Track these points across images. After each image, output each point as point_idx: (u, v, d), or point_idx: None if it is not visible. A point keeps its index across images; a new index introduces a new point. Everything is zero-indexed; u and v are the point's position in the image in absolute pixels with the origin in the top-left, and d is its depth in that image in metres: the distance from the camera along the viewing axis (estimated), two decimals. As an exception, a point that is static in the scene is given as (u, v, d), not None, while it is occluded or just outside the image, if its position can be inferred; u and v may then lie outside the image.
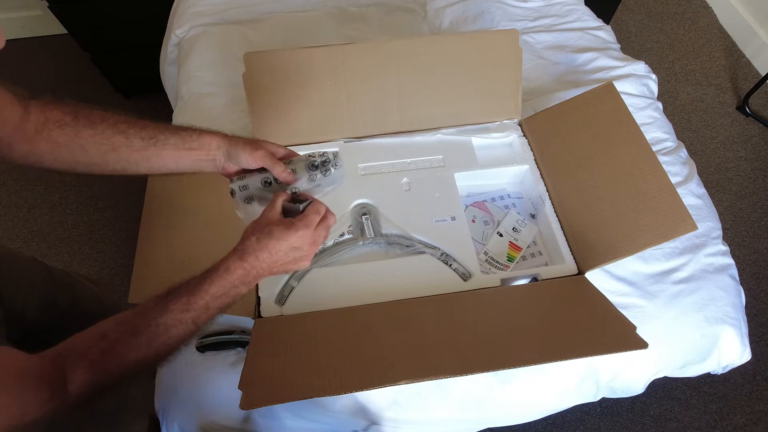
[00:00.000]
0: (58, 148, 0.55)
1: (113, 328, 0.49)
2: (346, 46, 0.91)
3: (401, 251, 0.84)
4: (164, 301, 0.50)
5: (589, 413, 1.21)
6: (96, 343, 0.47)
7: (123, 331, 0.48)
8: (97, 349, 0.47)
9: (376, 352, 0.68)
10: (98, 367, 0.46)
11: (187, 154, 0.60)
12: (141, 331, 0.49)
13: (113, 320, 0.49)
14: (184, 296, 0.51)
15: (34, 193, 1.54)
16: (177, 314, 0.50)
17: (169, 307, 0.50)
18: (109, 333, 0.48)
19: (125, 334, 0.48)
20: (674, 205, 0.76)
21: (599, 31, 1.25)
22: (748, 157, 1.66)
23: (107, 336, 0.48)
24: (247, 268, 0.54)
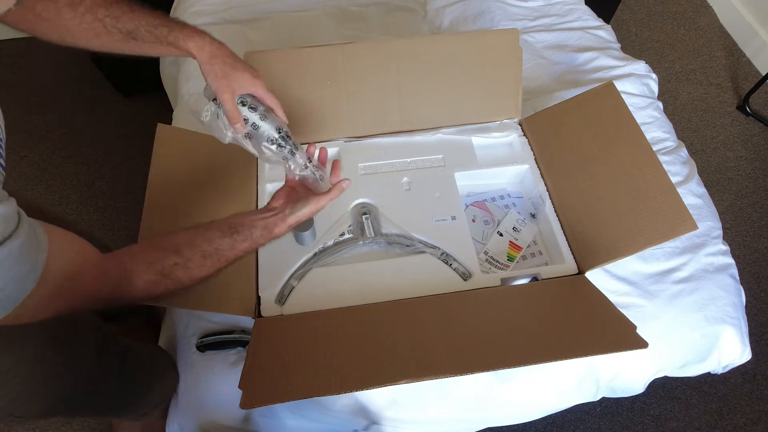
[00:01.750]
0: (43, 22, 0.55)
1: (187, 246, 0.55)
2: (346, 46, 0.91)
3: (401, 251, 0.84)
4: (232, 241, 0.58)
5: (589, 413, 1.21)
6: (170, 256, 0.53)
7: (195, 251, 0.55)
8: (171, 261, 0.53)
9: (376, 352, 0.68)
10: (168, 272, 0.53)
11: (167, 51, 0.63)
12: (209, 256, 0.56)
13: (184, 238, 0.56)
14: (249, 242, 0.60)
15: (34, 193, 1.54)
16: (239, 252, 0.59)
17: (235, 246, 0.58)
18: (183, 250, 0.54)
19: (196, 254, 0.55)
20: (674, 205, 0.75)
21: (599, 30, 1.25)
22: (749, 157, 1.66)
23: (181, 252, 0.54)
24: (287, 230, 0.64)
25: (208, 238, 0.57)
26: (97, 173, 1.58)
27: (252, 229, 0.60)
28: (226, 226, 0.59)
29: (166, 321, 0.89)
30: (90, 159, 1.60)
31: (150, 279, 0.51)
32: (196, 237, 0.57)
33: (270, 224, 0.62)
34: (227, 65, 0.63)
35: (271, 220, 0.62)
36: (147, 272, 0.51)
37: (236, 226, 0.59)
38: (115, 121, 1.65)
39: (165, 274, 0.53)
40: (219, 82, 0.63)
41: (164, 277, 0.52)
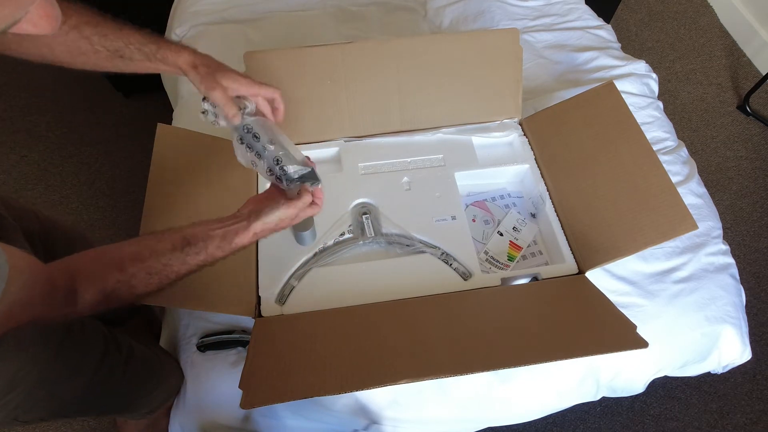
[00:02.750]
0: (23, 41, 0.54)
1: (131, 262, 0.52)
2: (346, 46, 0.91)
3: (401, 251, 0.84)
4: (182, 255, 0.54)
5: (589, 412, 1.21)
6: (113, 273, 0.51)
7: (140, 268, 0.52)
8: (114, 279, 0.50)
9: (377, 352, 0.68)
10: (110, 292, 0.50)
11: (155, 67, 0.62)
12: (156, 272, 0.53)
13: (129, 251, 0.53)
14: (202, 256, 0.56)
15: (34, 193, 1.54)
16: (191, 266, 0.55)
17: (187, 260, 0.55)
18: (127, 266, 0.51)
19: (141, 271, 0.52)
20: (675, 205, 0.75)
21: (600, 30, 1.25)
22: (749, 157, 1.66)
23: (125, 269, 0.51)
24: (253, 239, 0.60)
25: (157, 251, 0.53)
26: (97, 173, 1.58)
27: (207, 240, 0.56)
28: (180, 237, 0.55)
29: (167, 321, 0.89)
30: (90, 159, 1.60)
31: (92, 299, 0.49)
32: (144, 250, 0.53)
33: (229, 234, 0.57)
34: (211, 67, 0.63)
35: (232, 229, 0.58)
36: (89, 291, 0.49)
37: (190, 238, 0.55)
38: (115, 121, 1.65)
39: (107, 293, 0.50)
40: (206, 81, 0.62)
41: (106, 297, 0.50)
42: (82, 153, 1.61)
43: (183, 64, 0.62)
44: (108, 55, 0.58)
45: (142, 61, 0.60)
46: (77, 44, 0.56)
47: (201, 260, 0.56)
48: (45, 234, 0.76)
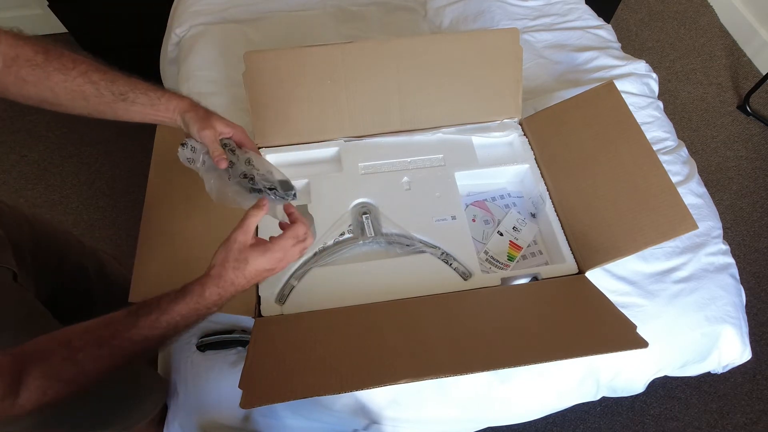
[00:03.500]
0: (26, 85, 0.55)
1: (78, 335, 0.47)
2: (346, 46, 0.91)
3: (401, 250, 0.84)
4: (134, 316, 0.49)
5: (589, 412, 1.21)
6: (59, 348, 0.46)
7: (87, 340, 0.47)
8: (59, 356, 0.45)
9: (377, 351, 0.68)
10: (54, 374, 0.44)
11: (153, 114, 0.63)
12: (105, 343, 0.48)
13: (80, 327, 0.48)
14: (155, 313, 0.50)
15: (34, 192, 1.54)
16: (144, 330, 0.49)
17: (138, 323, 0.49)
18: (73, 340, 0.47)
19: (89, 344, 0.47)
20: (675, 205, 0.75)
21: (600, 30, 1.25)
22: (749, 156, 1.66)
23: (71, 343, 0.46)
24: (221, 293, 0.54)
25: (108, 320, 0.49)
26: (97, 173, 1.58)
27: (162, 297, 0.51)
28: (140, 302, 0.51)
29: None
30: (90, 159, 1.60)
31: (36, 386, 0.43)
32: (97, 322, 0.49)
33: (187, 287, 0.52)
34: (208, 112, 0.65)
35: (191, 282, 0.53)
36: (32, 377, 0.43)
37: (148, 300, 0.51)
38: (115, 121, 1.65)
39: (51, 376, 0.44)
40: (201, 121, 0.63)
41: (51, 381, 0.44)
42: (82, 153, 1.61)
43: (184, 106, 0.64)
44: (112, 100, 0.59)
45: (143, 105, 0.61)
46: (82, 89, 0.57)
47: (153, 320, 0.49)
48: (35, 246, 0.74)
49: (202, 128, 0.63)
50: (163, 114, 0.63)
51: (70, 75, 0.56)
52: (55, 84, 0.56)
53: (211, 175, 0.66)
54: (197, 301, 0.52)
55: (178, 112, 0.64)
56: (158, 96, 0.62)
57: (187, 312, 0.52)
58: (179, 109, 0.64)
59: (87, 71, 0.57)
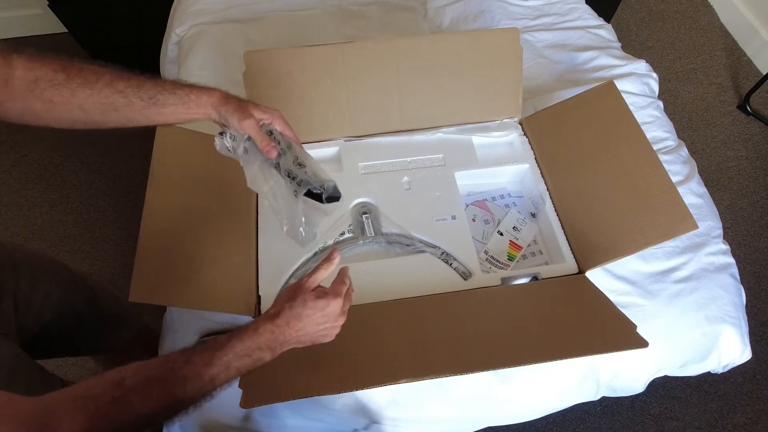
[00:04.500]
0: (55, 107, 0.54)
1: (132, 373, 0.45)
2: (346, 45, 0.91)
3: (401, 250, 0.84)
4: (189, 352, 0.48)
5: (589, 412, 1.21)
6: (110, 388, 0.43)
7: (139, 377, 0.45)
8: (109, 396, 0.43)
9: (377, 351, 0.68)
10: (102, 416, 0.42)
11: (185, 111, 0.61)
12: (157, 380, 0.45)
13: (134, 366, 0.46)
14: (209, 350, 0.49)
15: (34, 192, 1.54)
16: (198, 367, 0.47)
17: (193, 359, 0.48)
18: (126, 378, 0.44)
19: (141, 381, 0.45)
20: (675, 204, 0.75)
21: (600, 29, 1.25)
22: (749, 156, 1.66)
23: (123, 382, 0.44)
24: (276, 333, 0.52)
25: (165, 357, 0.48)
26: (97, 173, 1.58)
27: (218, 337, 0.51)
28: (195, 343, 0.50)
29: (166, 320, 0.89)
30: (90, 158, 1.60)
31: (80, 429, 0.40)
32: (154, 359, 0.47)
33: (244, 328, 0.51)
34: (241, 101, 0.64)
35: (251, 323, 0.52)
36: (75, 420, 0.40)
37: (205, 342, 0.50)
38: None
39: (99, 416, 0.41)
40: (239, 112, 0.62)
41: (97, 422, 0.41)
42: (82, 153, 1.61)
43: (216, 100, 0.62)
44: (142, 106, 0.58)
45: (175, 105, 0.60)
46: (110, 100, 0.56)
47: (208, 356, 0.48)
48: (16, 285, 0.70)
49: (242, 119, 0.61)
50: (195, 111, 0.62)
51: (95, 88, 0.54)
52: (83, 100, 0.54)
53: (253, 163, 0.65)
54: (251, 337, 0.51)
55: (212, 107, 0.62)
56: (187, 93, 0.60)
57: (241, 349, 0.50)
58: (212, 104, 0.62)
59: (111, 81, 0.56)
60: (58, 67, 0.53)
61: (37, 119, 0.54)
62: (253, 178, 0.65)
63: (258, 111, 0.63)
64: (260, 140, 0.63)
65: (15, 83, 0.51)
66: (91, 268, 1.42)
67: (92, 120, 0.57)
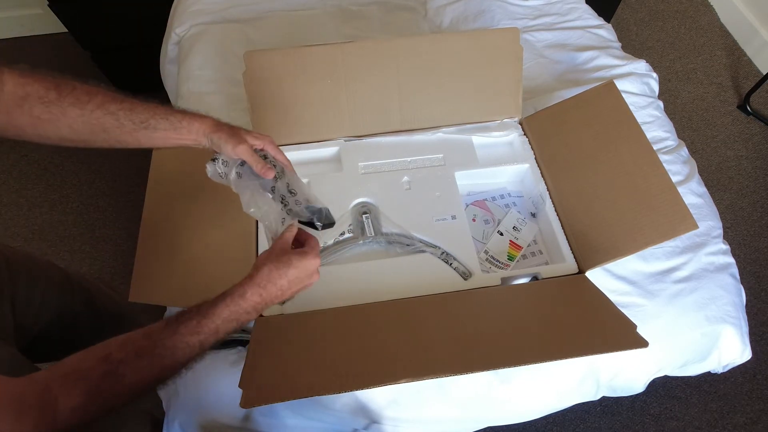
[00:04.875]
0: (42, 123, 0.53)
1: (117, 348, 0.47)
2: (346, 45, 0.91)
3: (401, 250, 0.84)
4: (174, 324, 0.49)
5: (589, 412, 1.21)
6: (98, 364, 0.45)
7: (127, 351, 0.47)
8: (99, 371, 0.44)
9: (377, 351, 0.68)
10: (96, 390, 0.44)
11: (176, 137, 0.61)
12: (146, 353, 0.47)
13: (118, 340, 0.48)
14: (195, 319, 0.50)
15: (34, 192, 1.54)
16: (185, 337, 0.49)
17: (179, 330, 0.49)
18: (112, 353, 0.46)
19: (130, 354, 0.46)
20: (675, 204, 0.75)
21: (600, 29, 1.25)
22: (749, 156, 1.66)
23: (110, 356, 0.46)
24: (263, 296, 0.54)
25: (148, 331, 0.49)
26: (98, 172, 1.58)
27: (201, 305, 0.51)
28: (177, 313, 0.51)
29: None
30: (90, 158, 1.60)
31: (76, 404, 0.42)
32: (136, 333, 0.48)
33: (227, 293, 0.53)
34: (232, 128, 0.64)
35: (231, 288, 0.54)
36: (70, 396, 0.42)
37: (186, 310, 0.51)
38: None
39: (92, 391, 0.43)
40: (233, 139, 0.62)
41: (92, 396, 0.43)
42: (82, 152, 1.61)
43: (207, 127, 0.62)
44: (132, 129, 0.58)
45: (166, 130, 0.60)
46: (101, 121, 0.56)
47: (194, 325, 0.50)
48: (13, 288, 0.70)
49: (236, 144, 0.62)
50: (186, 137, 0.62)
51: (86, 108, 0.54)
52: (73, 120, 0.54)
53: (246, 188, 0.65)
54: (238, 303, 0.52)
55: (203, 134, 0.62)
56: (179, 119, 0.61)
57: (228, 315, 0.52)
58: (203, 132, 0.62)
59: (103, 102, 0.56)
60: (51, 85, 0.53)
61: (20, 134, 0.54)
62: (248, 202, 0.65)
63: (250, 137, 0.64)
64: (255, 163, 0.63)
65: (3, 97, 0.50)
66: (91, 268, 1.42)
67: (80, 139, 0.57)
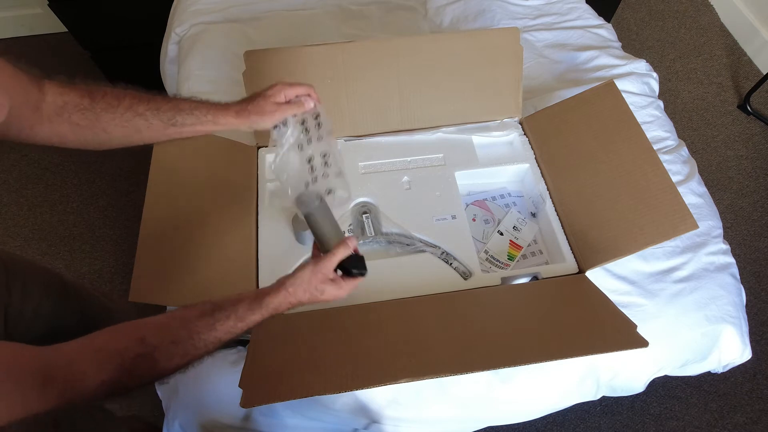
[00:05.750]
0: (81, 130, 0.56)
1: (153, 332, 0.49)
2: (346, 45, 0.91)
3: (402, 250, 0.84)
4: (210, 318, 0.52)
5: (589, 412, 1.21)
6: (133, 345, 0.47)
7: (163, 338, 0.49)
8: (133, 352, 0.47)
9: (377, 351, 0.68)
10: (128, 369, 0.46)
11: (205, 130, 0.64)
12: (181, 342, 0.50)
13: (154, 323, 0.50)
14: (232, 320, 0.53)
15: (35, 192, 1.54)
16: (220, 334, 0.52)
17: (216, 326, 0.52)
18: (147, 337, 0.48)
19: (165, 341, 0.49)
20: (675, 204, 0.75)
21: (600, 29, 1.25)
22: (749, 156, 1.66)
23: (146, 340, 0.48)
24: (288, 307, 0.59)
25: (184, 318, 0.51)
26: (98, 172, 1.58)
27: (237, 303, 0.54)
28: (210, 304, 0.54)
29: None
30: (90, 158, 1.60)
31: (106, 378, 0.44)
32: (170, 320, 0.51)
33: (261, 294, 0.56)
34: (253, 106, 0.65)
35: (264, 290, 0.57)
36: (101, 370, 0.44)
37: (220, 303, 0.54)
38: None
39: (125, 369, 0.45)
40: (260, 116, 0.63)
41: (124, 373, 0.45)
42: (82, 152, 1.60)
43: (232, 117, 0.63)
44: (162, 127, 0.60)
45: (194, 125, 0.62)
46: (132, 123, 0.58)
47: (230, 325, 0.53)
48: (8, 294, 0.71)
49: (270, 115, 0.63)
50: (212, 128, 0.64)
51: (117, 112, 0.57)
52: (107, 124, 0.57)
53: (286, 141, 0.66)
54: (271, 312, 0.57)
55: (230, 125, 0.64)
56: (203, 113, 0.62)
57: (257, 320, 0.56)
58: (227, 124, 0.64)
59: (132, 105, 0.58)
60: (85, 93, 0.56)
61: (63, 141, 0.57)
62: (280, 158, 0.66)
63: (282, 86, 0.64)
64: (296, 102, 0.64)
65: (45, 108, 0.53)
66: (91, 268, 1.42)
67: (117, 141, 0.59)
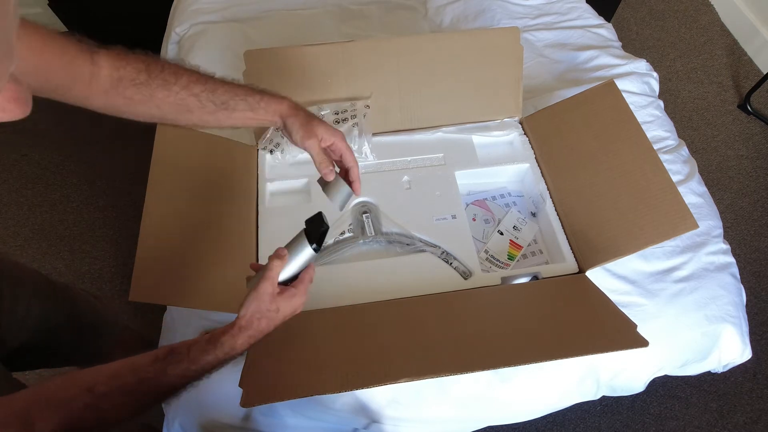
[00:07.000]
0: (134, 104, 0.56)
1: (103, 381, 0.46)
2: (346, 44, 0.91)
3: (402, 249, 0.84)
4: (161, 364, 0.49)
5: (589, 411, 1.21)
6: (81, 394, 0.45)
7: (112, 386, 0.47)
8: (81, 402, 0.45)
9: (377, 351, 0.68)
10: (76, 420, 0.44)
11: (253, 117, 0.63)
12: (131, 390, 0.47)
13: (104, 371, 0.48)
14: (184, 363, 0.50)
15: (35, 192, 1.54)
16: (172, 378, 0.50)
17: (167, 371, 0.49)
18: (97, 386, 0.46)
19: (114, 390, 0.46)
20: (675, 204, 0.75)
21: (600, 29, 1.25)
22: (750, 156, 1.65)
23: (94, 389, 0.45)
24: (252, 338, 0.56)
25: (135, 365, 0.48)
26: (97, 172, 1.58)
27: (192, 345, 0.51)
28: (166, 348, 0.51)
29: (166, 320, 0.89)
30: (90, 158, 1.60)
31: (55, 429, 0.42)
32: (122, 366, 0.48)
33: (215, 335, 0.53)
34: (308, 116, 0.64)
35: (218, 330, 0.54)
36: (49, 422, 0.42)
37: (175, 347, 0.51)
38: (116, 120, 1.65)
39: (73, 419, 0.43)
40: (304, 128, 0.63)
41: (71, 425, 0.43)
42: (82, 152, 1.61)
43: (285, 109, 0.63)
44: (213, 109, 0.60)
45: (244, 111, 0.62)
46: (185, 102, 0.58)
47: (183, 368, 0.50)
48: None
49: (306, 136, 0.62)
50: (262, 117, 0.63)
51: (172, 90, 0.57)
52: (161, 100, 0.57)
53: None
54: (228, 352, 0.53)
55: (279, 116, 0.63)
56: (257, 100, 0.62)
57: (217, 361, 0.53)
58: (279, 113, 0.63)
59: (188, 84, 0.58)
60: (142, 67, 0.55)
61: (117, 113, 0.57)
62: None
63: (322, 129, 0.63)
64: (321, 161, 0.64)
65: (100, 81, 0.53)
66: (91, 268, 1.42)
67: (168, 118, 0.59)
